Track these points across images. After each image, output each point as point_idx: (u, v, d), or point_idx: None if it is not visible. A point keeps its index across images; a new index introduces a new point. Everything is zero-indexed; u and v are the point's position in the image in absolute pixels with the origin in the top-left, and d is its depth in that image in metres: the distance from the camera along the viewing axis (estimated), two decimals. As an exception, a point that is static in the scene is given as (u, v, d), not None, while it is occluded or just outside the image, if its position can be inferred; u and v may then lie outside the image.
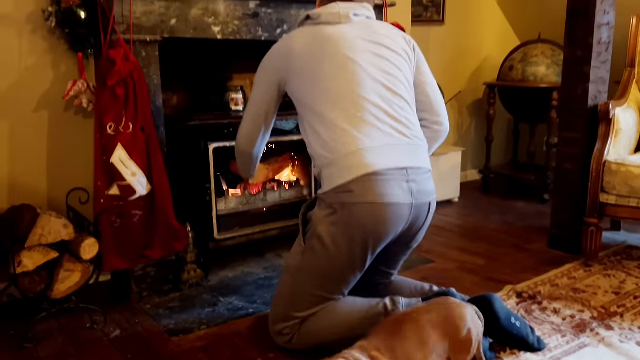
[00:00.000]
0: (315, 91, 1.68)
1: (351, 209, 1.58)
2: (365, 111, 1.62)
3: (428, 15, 4.03)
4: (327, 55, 1.67)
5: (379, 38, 1.73)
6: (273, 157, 2.70)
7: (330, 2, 1.77)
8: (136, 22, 2.03)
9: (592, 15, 2.53)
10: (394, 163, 1.60)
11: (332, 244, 1.61)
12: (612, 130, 2.53)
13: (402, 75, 1.73)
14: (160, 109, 2.17)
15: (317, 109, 1.67)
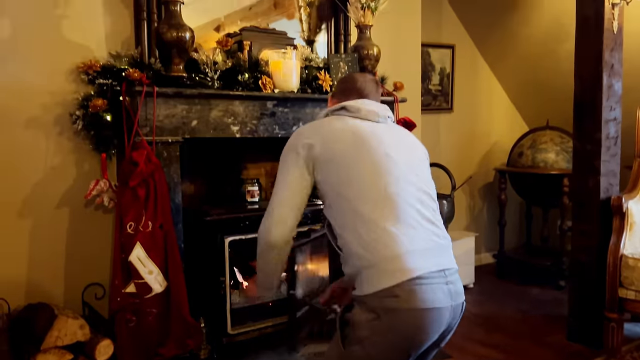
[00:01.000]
0: (355, 187, 1.61)
1: (396, 315, 1.53)
2: (406, 213, 1.60)
3: (437, 104, 4.16)
4: (368, 151, 1.63)
5: (408, 139, 1.77)
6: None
7: (351, 97, 1.75)
8: (159, 124, 2.11)
9: (599, 112, 2.60)
10: (435, 266, 1.56)
11: (373, 349, 1.54)
12: (626, 224, 2.54)
13: (429, 177, 1.76)
14: (179, 205, 2.22)
15: (359, 207, 1.59)
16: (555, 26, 3.69)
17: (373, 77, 1.85)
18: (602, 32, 2.59)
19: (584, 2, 2.67)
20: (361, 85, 1.77)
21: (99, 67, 2.18)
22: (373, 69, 2.82)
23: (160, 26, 2.14)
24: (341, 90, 1.79)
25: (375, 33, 2.82)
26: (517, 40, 4.07)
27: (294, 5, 2.87)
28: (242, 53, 2.46)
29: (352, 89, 1.76)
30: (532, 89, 4.30)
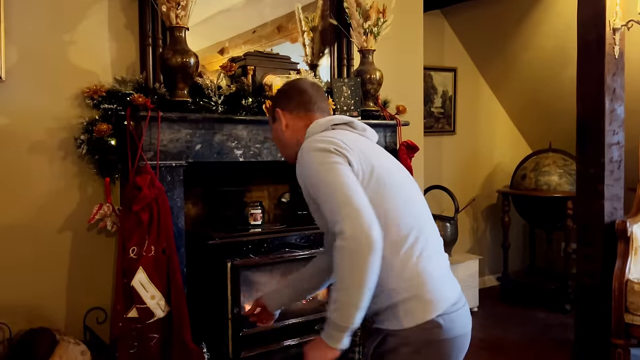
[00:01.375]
0: (393, 211, 1.42)
1: (438, 346, 1.43)
2: (432, 237, 1.51)
3: (439, 126, 4.18)
4: (394, 173, 1.51)
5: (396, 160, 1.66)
6: (290, 273, 2.69)
7: (315, 109, 1.60)
8: (163, 148, 2.12)
9: (601, 136, 2.61)
10: (457, 290, 1.51)
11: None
12: (631, 248, 2.52)
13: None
14: (182, 229, 2.22)
15: (398, 234, 1.41)
16: (558, 50, 3.72)
17: (316, 83, 1.73)
18: (603, 57, 2.61)
19: (586, 28, 2.69)
20: (315, 97, 1.62)
21: (104, 91, 2.19)
22: (376, 93, 2.83)
23: (165, 52, 2.17)
24: (299, 102, 1.60)
25: (378, 57, 2.84)
26: (519, 64, 4.10)
27: (297, 29, 2.90)
28: (245, 78, 2.48)
29: (310, 101, 1.61)
30: (534, 111, 4.31)
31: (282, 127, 1.62)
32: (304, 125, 1.58)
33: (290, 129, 1.61)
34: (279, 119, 1.62)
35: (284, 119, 1.62)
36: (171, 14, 2.13)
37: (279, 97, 1.66)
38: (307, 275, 1.78)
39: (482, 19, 4.01)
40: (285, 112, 1.62)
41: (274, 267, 2.58)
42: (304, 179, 1.43)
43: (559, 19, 3.57)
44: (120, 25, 2.33)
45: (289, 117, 1.62)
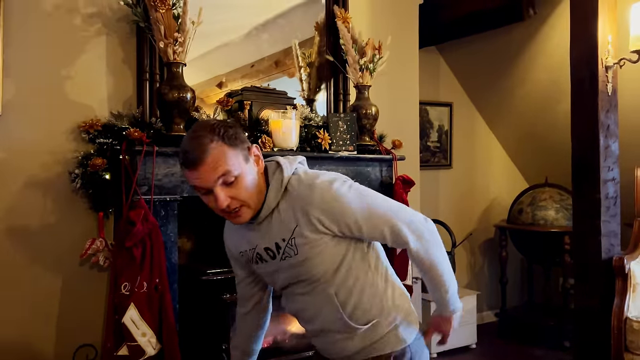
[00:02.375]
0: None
1: (423, 350, 1.54)
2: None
3: (436, 160, 4.19)
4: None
5: None
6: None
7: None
8: (158, 183, 2.11)
9: (597, 172, 2.61)
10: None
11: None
12: (629, 285, 2.50)
13: None
14: (175, 265, 2.19)
15: (385, 262, 1.52)
16: (552, 85, 3.76)
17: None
18: (597, 95, 2.64)
19: (579, 66, 2.73)
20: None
21: (100, 126, 2.20)
22: (371, 128, 2.85)
23: (162, 87, 2.18)
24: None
25: (374, 92, 2.87)
26: (514, 100, 4.14)
27: (294, 64, 2.94)
28: (242, 112, 2.49)
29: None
30: (530, 146, 4.34)
31: (258, 168, 1.37)
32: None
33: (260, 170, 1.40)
34: (254, 158, 1.37)
35: (260, 155, 1.39)
36: (168, 50, 2.15)
37: (239, 135, 1.34)
38: (245, 338, 1.69)
39: (477, 54, 4.07)
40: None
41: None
42: (333, 203, 1.33)
43: (553, 55, 3.63)
44: (118, 60, 2.36)
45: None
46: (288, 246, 1.37)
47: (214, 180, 1.27)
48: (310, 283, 1.41)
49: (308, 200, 1.34)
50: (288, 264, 1.39)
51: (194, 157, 1.26)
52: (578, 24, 2.71)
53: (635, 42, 2.56)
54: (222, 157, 1.27)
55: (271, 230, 1.39)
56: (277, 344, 2.58)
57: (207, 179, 1.27)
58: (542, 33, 3.62)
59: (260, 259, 1.45)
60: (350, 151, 2.70)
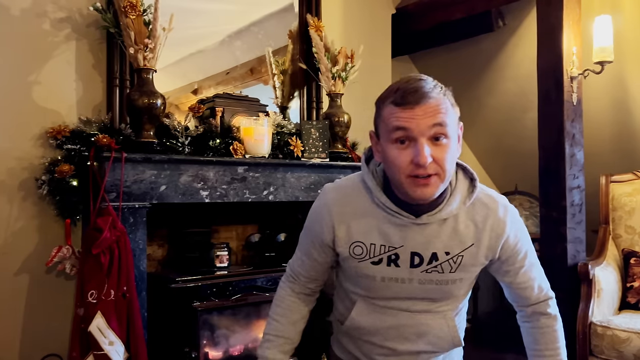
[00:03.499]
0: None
1: None
2: None
3: (409, 168, 4.23)
4: None
5: None
6: (255, 316, 2.65)
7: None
8: (126, 189, 2.09)
9: (562, 180, 2.67)
10: None
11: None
12: (593, 291, 2.56)
13: None
14: (144, 272, 2.17)
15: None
16: (520, 95, 3.84)
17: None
18: (562, 104, 2.70)
19: (545, 76, 2.79)
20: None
21: (68, 132, 2.17)
22: (344, 135, 2.87)
23: (132, 93, 2.17)
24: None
25: (347, 100, 2.90)
26: (484, 109, 4.22)
27: (268, 72, 2.95)
28: (214, 119, 2.49)
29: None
30: (500, 154, 4.41)
31: (458, 148, 1.18)
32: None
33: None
34: (459, 137, 1.19)
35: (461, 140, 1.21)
36: (139, 56, 2.14)
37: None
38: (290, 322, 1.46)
39: (449, 64, 4.13)
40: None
41: (237, 310, 2.54)
42: (523, 242, 1.28)
43: (521, 66, 3.71)
44: (87, 66, 2.34)
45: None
46: (449, 261, 1.22)
47: (428, 126, 1.08)
48: (437, 301, 1.29)
49: (502, 225, 1.22)
50: (429, 278, 1.23)
51: (415, 95, 1.08)
52: (544, 36, 2.78)
53: (599, 53, 2.64)
54: (444, 107, 1.11)
55: (434, 237, 1.21)
56: (248, 352, 2.57)
57: (421, 122, 1.08)
58: (511, 44, 3.70)
59: (393, 262, 1.23)
60: (322, 158, 2.71)
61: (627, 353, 2.34)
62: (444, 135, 1.11)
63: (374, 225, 1.23)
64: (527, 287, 1.32)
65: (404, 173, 1.11)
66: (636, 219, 2.94)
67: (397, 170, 1.12)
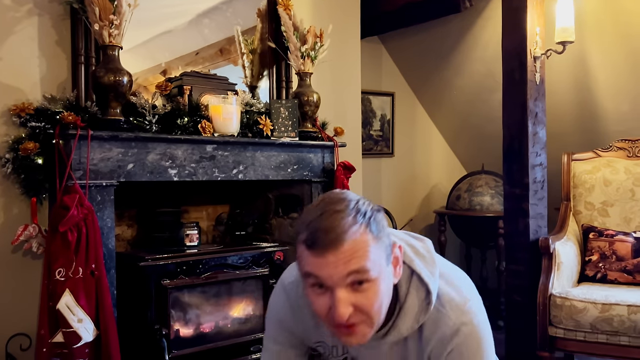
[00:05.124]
0: None
1: None
2: None
3: (378, 149, 4.28)
4: None
5: None
6: (226, 294, 2.67)
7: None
8: (93, 167, 2.08)
9: (525, 158, 2.75)
10: None
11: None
12: (554, 264, 2.65)
13: None
14: (113, 250, 2.17)
15: None
16: (486, 76, 3.91)
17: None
18: (526, 83, 2.77)
19: (509, 56, 2.86)
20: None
21: (32, 109, 2.13)
22: (313, 115, 2.89)
23: (97, 70, 2.14)
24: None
25: (316, 80, 2.91)
26: (452, 90, 4.28)
27: (237, 51, 2.94)
28: (182, 97, 2.48)
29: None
30: (467, 134, 4.50)
31: (395, 275, 1.04)
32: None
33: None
34: (393, 260, 1.04)
35: (400, 259, 1.06)
36: (104, 32, 2.11)
37: (385, 225, 1.03)
38: None
39: (417, 45, 4.17)
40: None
41: (207, 288, 2.56)
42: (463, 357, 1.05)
43: (487, 47, 3.77)
44: (51, 42, 2.29)
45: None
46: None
47: (344, 275, 0.94)
48: None
49: (447, 345, 1.05)
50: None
51: (329, 236, 0.93)
52: (509, 17, 2.84)
53: (561, 34, 2.71)
54: (363, 249, 0.95)
55: (384, 357, 1.11)
56: (219, 329, 2.60)
57: (335, 271, 0.94)
58: (478, 25, 3.76)
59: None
60: (292, 137, 2.73)
61: (584, 322, 2.45)
62: (366, 279, 0.95)
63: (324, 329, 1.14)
64: None
65: (326, 321, 1.00)
66: (595, 195, 3.05)
67: (319, 317, 1.01)
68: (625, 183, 3.00)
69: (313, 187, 2.82)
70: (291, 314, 1.20)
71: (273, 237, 2.97)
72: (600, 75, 3.47)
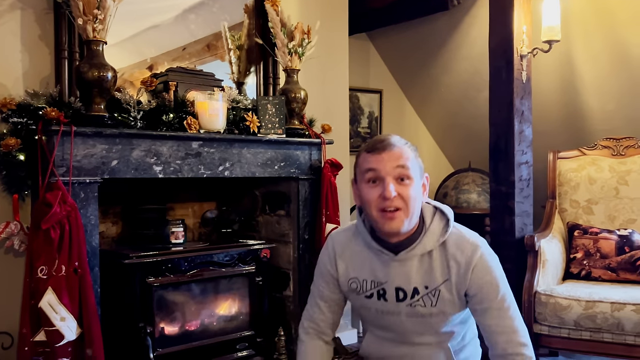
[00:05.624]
0: None
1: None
2: None
3: (366, 146, 4.28)
4: None
5: None
6: (212, 291, 2.66)
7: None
8: (76, 164, 2.05)
9: (511, 156, 2.76)
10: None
11: None
12: (539, 262, 2.67)
13: None
14: (96, 248, 2.14)
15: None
16: (474, 75, 3.92)
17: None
18: (512, 82, 2.78)
19: (496, 55, 2.86)
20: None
21: (14, 105, 2.10)
22: (300, 112, 2.88)
23: (81, 65, 2.11)
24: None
25: (304, 77, 2.89)
26: (439, 88, 4.29)
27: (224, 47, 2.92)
28: (167, 93, 2.46)
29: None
30: (454, 132, 4.51)
31: (423, 190, 1.41)
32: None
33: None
34: (424, 182, 1.43)
35: (427, 187, 1.45)
36: (88, 27, 2.08)
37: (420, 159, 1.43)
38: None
39: (405, 43, 4.17)
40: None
41: (193, 285, 2.54)
42: (492, 277, 1.37)
43: (475, 45, 3.78)
44: (34, 37, 2.25)
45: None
46: (429, 295, 1.37)
47: (392, 167, 1.32)
48: (429, 335, 1.42)
49: (469, 260, 1.35)
50: (414, 312, 1.39)
51: (382, 144, 1.34)
52: (496, 15, 2.84)
53: (547, 32, 2.72)
54: (406, 155, 1.34)
55: (413, 272, 1.38)
56: (205, 327, 2.59)
57: (386, 165, 1.32)
58: (465, 23, 3.77)
59: (382, 297, 1.42)
60: (279, 134, 2.72)
61: (568, 319, 2.47)
62: (407, 176, 1.33)
63: (365, 263, 1.44)
64: (494, 332, 1.36)
65: (375, 207, 1.33)
66: (581, 193, 3.07)
67: (369, 206, 1.34)
68: (609, 181, 3.03)
69: (300, 185, 2.81)
70: (342, 258, 1.49)
71: (260, 235, 2.96)
72: (586, 74, 3.49)
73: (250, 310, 2.72)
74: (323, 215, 2.78)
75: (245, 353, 2.65)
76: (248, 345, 2.67)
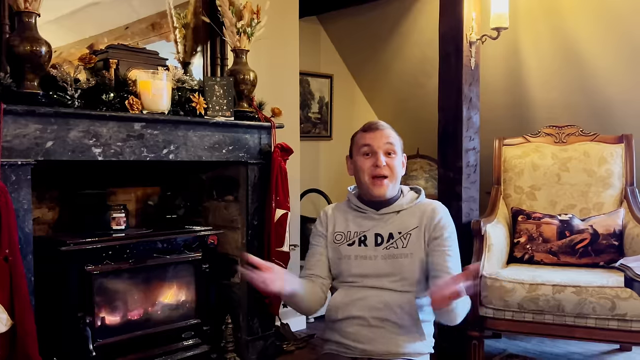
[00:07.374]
0: None
1: None
2: None
3: (317, 131, 4.25)
4: None
5: None
6: (156, 279, 2.56)
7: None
8: (6, 145, 1.91)
9: (459, 141, 2.79)
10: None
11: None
12: (485, 246, 2.72)
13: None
14: (30, 234, 2.01)
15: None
16: (423, 61, 3.94)
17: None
18: (461, 68, 2.80)
19: (446, 41, 2.88)
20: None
21: None
22: (250, 94, 2.80)
23: (12, 38, 1.96)
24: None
25: (253, 58, 2.81)
26: (390, 73, 4.30)
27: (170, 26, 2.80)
28: (108, 72, 2.33)
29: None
30: (404, 118, 4.54)
31: (402, 165, 1.77)
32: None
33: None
34: (403, 163, 1.78)
35: (405, 164, 1.80)
36: (19, -3, 1.93)
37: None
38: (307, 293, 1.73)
39: (356, 27, 4.15)
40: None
41: (135, 273, 2.44)
42: (449, 227, 1.73)
43: (424, 32, 3.80)
44: (-43, 7, 2.08)
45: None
46: (401, 238, 1.68)
47: (383, 143, 1.70)
48: (398, 279, 1.66)
49: (436, 213, 1.72)
50: (389, 253, 1.68)
51: (375, 125, 1.74)
52: (446, 1, 2.85)
53: (495, 19, 2.75)
54: (393, 135, 1.74)
55: (390, 222, 1.71)
56: (148, 316, 2.50)
57: (379, 141, 1.70)
58: (416, 9, 3.77)
59: (362, 242, 1.71)
60: (227, 117, 2.63)
61: (512, 302, 2.53)
62: (393, 151, 1.72)
63: (350, 220, 1.77)
64: (441, 273, 1.63)
65: (368, 174, 1.70)
66: (525, 179, 3.15)
67: (363, 173, 1.71)
68: (551, 168, 3.11)
69: (249, 169, 2.74)
70: (332, 218, 1.80)
71: (207, 221, 2.88)
72: (531, 63, 3.57)
73: (197, 298, 2.64)
74: (273, 200, 2.72)
75: (191, 342, 2.58)
76: (194, 334, 2.60)
